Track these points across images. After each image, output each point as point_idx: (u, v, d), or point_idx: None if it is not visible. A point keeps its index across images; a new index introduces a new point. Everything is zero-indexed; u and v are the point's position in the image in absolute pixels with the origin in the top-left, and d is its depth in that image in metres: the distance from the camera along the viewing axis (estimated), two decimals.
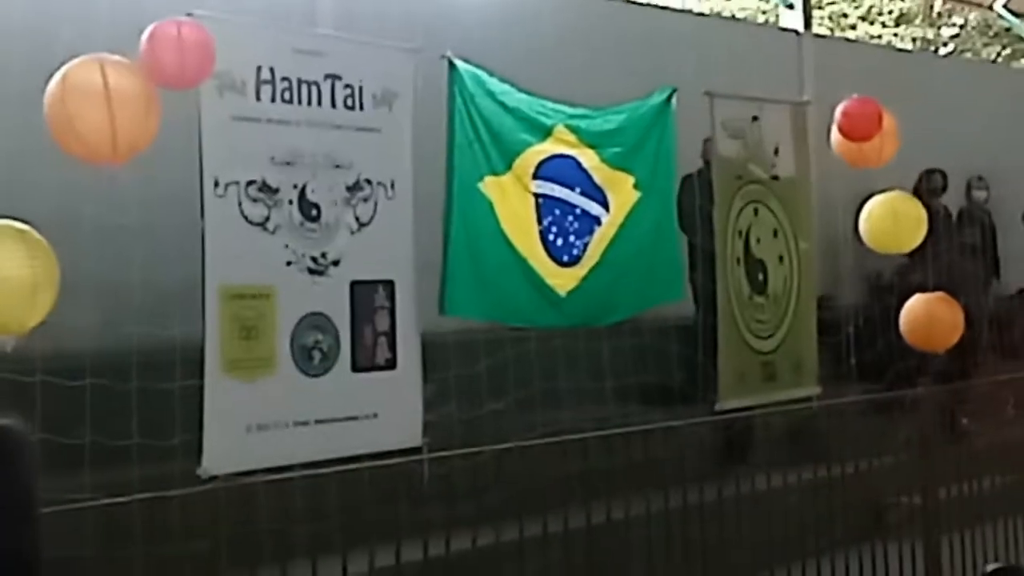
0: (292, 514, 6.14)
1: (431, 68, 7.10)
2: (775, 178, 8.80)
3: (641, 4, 14.79)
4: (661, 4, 16.17)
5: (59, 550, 3.41)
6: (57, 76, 5.41)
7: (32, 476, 2.77)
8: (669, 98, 8.24)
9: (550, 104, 7.71)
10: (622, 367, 9.26)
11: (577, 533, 7.03)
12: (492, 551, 6.72)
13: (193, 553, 5.64)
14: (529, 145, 7.43)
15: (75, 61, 5.44)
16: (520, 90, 7.56)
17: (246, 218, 6.16)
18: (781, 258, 8.83)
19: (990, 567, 5.60)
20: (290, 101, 6.33)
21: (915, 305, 8.73)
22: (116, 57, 5.49)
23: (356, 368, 6.61)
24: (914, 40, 23.55)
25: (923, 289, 9.24)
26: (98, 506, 5.31)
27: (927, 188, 12.55)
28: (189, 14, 5.76)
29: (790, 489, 8.32)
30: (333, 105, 6.51)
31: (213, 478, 5.96)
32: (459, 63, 7.23)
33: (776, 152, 8.82)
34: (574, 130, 7.69)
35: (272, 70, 6.26)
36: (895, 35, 23.70)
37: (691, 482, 7.69)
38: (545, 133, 7.53)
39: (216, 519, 5.76)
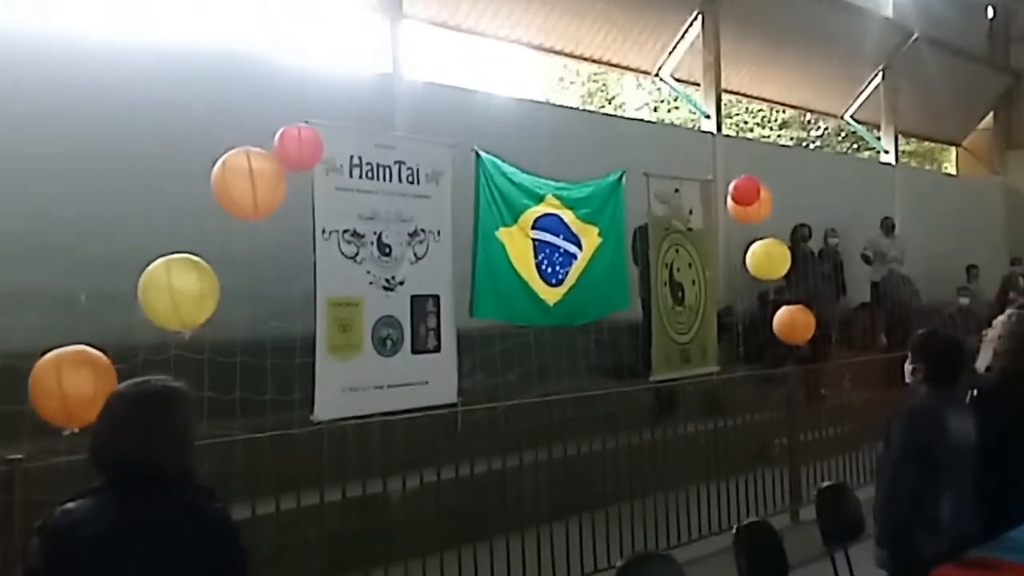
0: (370, 447, 6.30)
1: (464, 156, 7.21)
2: (690, 229, 8.86)
3: (605, 115, 15.26)
4: (619, 115, 16.59)
5: (218, 468, 3.41)
6: (220, 161, 5.57)
7: (193, 418, 2.90)
8: (620, 177, 8.37)
9: (542, 180, 7.84)
10: (590, 352, 9.38)
11: (560, 461, 7.22)
12: (502, 473, 6.79)
13: (305, 472, 5.74)
14: (529, 207, 7.56)
15: (231, 151, 5.60)
16: (523, 171, 7.68)
17: (343, 254, 6.28)
18: (693, 282, 8.96)
19: (824, 484, 5.70)
20: (372, 178, 6.44)
21: (784, 312, 8.94)
22: (257, 149, 5.65)
23: (414, 351, 6.69)
24: (792, 139, 23.79)
25: (790, 303, 9.48)
26: (242, 439, 5.55)
27: (799, 236, 12.93)
28: (306, 121, 5.93)
29: (700, 433, 8.56)
30: (400, 180, 6.61)
31: (320, 423, 6.13)
32: (482, 153, 7.32)
33: (691, 212, 8.90)
34: (559, 197, 7.82)
35: (360, 157, 6.38)
36: (779, 135, 23.97)
37: (635, 427, 7.82)
38: (539, 199, 7.65)
39: (320, 450, 5.95)
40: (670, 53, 14.52)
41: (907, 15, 17.68)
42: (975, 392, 4.99)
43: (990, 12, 21.14)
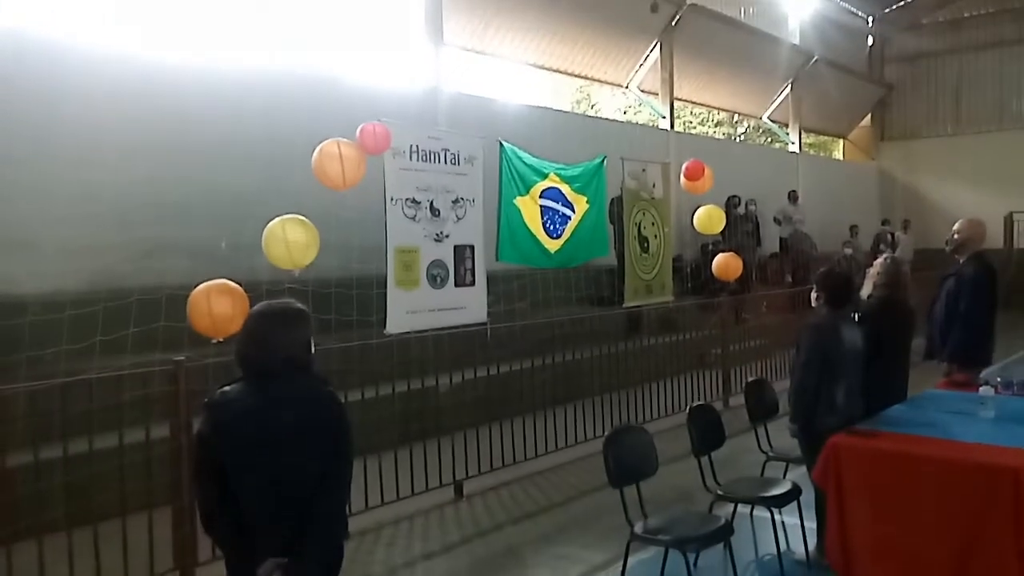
0: (426, 353, 6.30)
1: (491, 146, 7.11)
2: (653, 198, 8.81)
3: (590, 116, 15.11)
4: (600, 116, 16.40)
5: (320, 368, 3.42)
6: (318, 148, 5.52)
7: (310, 327, 2.85)
8: (603, 161, 8.29)
9: (548, 162, 7.77)
10: (581, 286, 9.36)
11: (559, 364, 7.15)
12: (519, 373, 6.91)
13: (381, 371, 5.83)
14: (537, 182, 7.48)
15: (326, 141, 5.53)
16: (533, 155, 7.59)
17: (405, 215, 6.23)
18: (655, 236, 8.75)
19: (750, 379, 5.71)
20: (426, 160, 6.35)
21: (720, 257, 8.71)
22: (345, 139, 5.57)
23: (456, 285, 6.60)
24: (724, 134, 23.45)
25: (724, 251, 9.43)
26: (337, 347, 5.53)
27: (731, 204, 12.84)
28: (379, 120, 5.87)
29: (659, 345, 8.58)
30: (445, 163, 6.50)
31: (390, 335, 6.11)
32: (504, 143, 7.24)
33: (654, 186, 8.82)
34: (558, 175, 7.74)
35: (417, 145, 6.30)
36: (715, 131, 23.64)
37: (612, 340, 7.85)
38: (544, 176, 7.57)
39: (392, 353, 6.01)
40: (636, 71, 14.31)
41: (809, 42, 17.40)
42: (859, 314, 4.99)
43: (870, 40, 20.78)
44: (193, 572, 4.57)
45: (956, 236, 5.70)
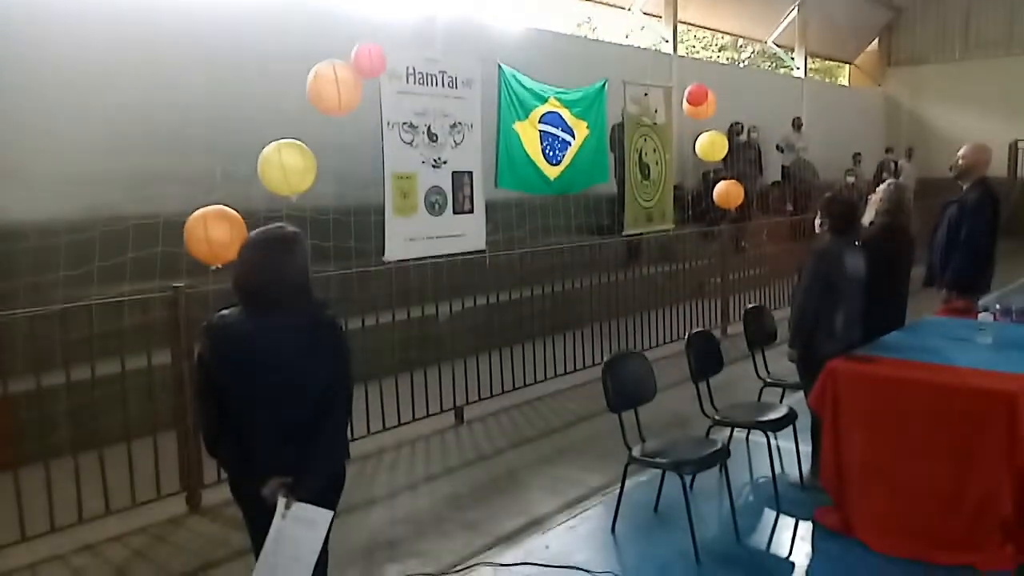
0: (425, 281, 6.25)
1: (490, 68, 7.01)
2: (655, 124, 8.69)
3: (592, 40, 14.74)
4: (602, 40, 16.03)
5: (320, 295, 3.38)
6: (313, 70, 5.36)
7: (307, 253, 2.79)
8: (604, 85, 8.17)
9: (548, 87, 7.64)
10: (581, 214, 9.32)
11: (558, 293, 7.19)
12: (518, 301, 6.87)
13: (378, 296, 5.86)
14: (537, 106, 7.37)
15: (321, 63, 5.39)
16: (533, 80, 7.49)
17: (402, 140, 6.12)
18: (657, 163, 8.77)
19: (749, 306, 5.72)
20: (423, 83, 6.21)
21: (721, 184, 8.73)
22: (340, 61, 5.43)
23: (454, 212, 6.56)
24: (728, 59, 23.02)
25: (727, 178, 9.24)
26: (335, 274, 5.53)
27: (734, 131, 12.63)
28: (374, 41, 5.66)
29: (658, 274, 8.56)
30: (443, 86, 6.37)
31: (389, 262, 6.09)
32: (504, 66, 7.14)
33: (656, 111, 8.68)
34: (559, 99, 7.62)
35: (414, 68, 6.17)
36: (718, 56, 23.20)
37: (611, 269, 7.81)
38: (544, 100, 7.47)
39: (391, 281, 6.01)
40: None
41: None
42: (861, 241, 4.95)
43: None
44: (199, 493, 4.67)
45: (960, 161, 5.62)
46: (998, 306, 5.17)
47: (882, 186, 5.25)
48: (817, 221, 4.63)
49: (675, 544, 4.00)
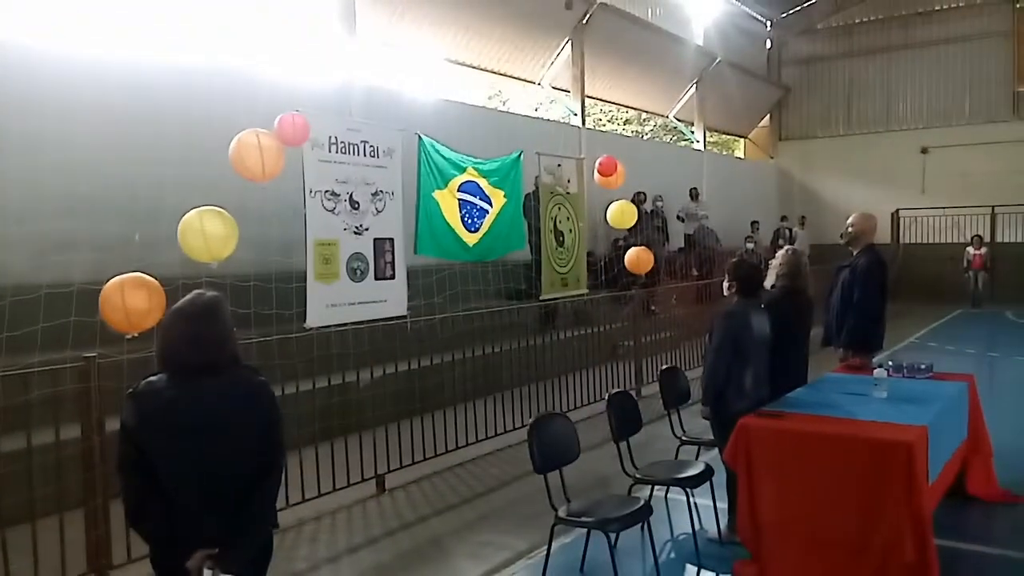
0: (346, 347, 6.19)
1: (410, 138, 7.03)
2: (568, 193, 8.86)
3: (506, 112, 15.23)
4: (515, 112, 16.55)
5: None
6: (236, 137, 5.37)
7: (230, 321, 2.81)
8: (519, 156, 8.31)
9: (466, 157, 7.57)
10: (499, 280, 9.44)
11: (479, 357, 7.25)
12: (439, 367, 6.91)
13: (298, 363, 5.70)
14: (455, 175, 7.42)
15: (244, 131, 5.40)
16: (452, 150, 7.49)
17: (324, 208, 6.10)
18: (570, 230, 8.80)
19: (664, 367, 5.89)
20: (345, 152, 6.22)
21: (632, 251, 8.92)
22: (264, 130, 5.46)
23: (376, 278, 6.51)
24: (632, 131, 24.07)
25: (637, 245, 9.77)
26: (255, 341, 5.37)
27: (638, 200, 13.14)
28: (297, 110, 5.71)
29: (573, 338, 8.70)
30: (365, 154, 6.40)
31: (310, 329, 6.01)
32: (423, 136, 7.09)
33: (568, 181, 8.86)
34: (477, 169, 7.70)
35: (336, 137, 6.17)
36: (623, 129, 24.23)
37: (528, 333, 7.96)
38: (463, 170, 7.53)
39: (311, 349, 5.93)
40: (548, 67, 14.53)
41: (712, 44, 18.08)
42: (764, 303, 5.24)
43: (768, 43, 21.73)
44: (107, 575, 4.43)
45: (850, 229, 6.07)
46: (890, 363, 5.55)
47: (780, 252, 5.60)
48: (725, 284, 4.90)
49: None
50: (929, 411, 4.47)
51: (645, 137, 23.68)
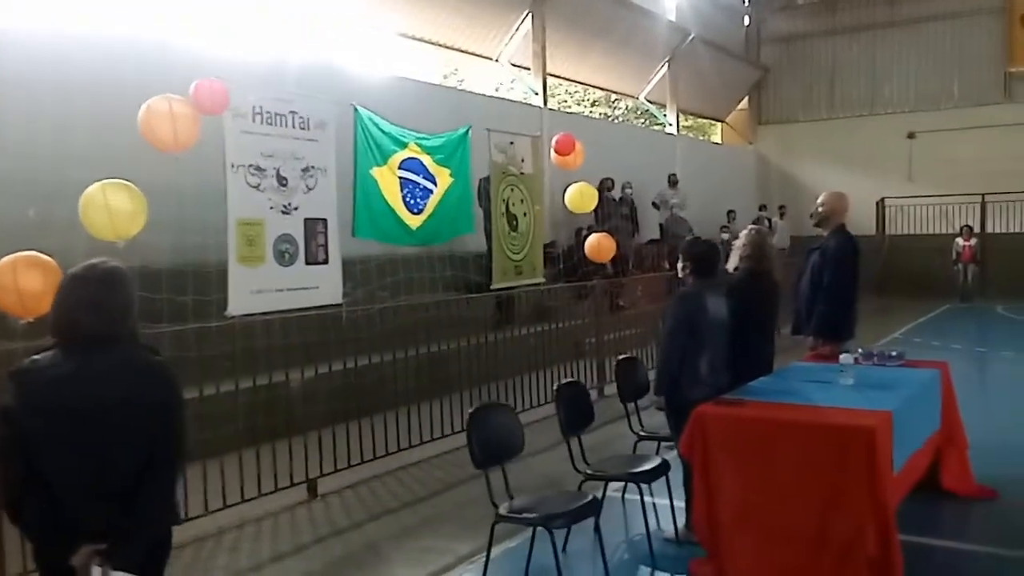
0: (273, 337, 6.15)
1: (346, 110, 7.00)
2: (522, 173, 8.90)
3: (460, 90, 15.23)
4: (468, 90, 16.55)
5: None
6: (145, 105, 5.29)
7: (132, 290, 2.78)
8: (467, 131, 8.34)
9: (407, 131, 7.71)
10: (446, 268, 9.45)
11: (424, 355, 7.21)
12: (378, 365, 6.78)
13: (221, 356, 5.66)
14: (396, 151, 7.38)
15: (155, 97, 5.32)
16: (391, 123, 7.53)
17: (248, 183, 5.99)
18: (525, 214, 8.94)
19: (620, 357, 5.83)
20: (271, 123, 6.13)
21: (592, 237, 9.04)
22: (178, 96, 5.38)
23: (307, 263, 6.44)
24: (601, 114, 24.27)
25: (599, 231, 9.85)
26: (168, 330, 5.39)
27: (604, 186, 13.28)
28: (218, 77, 5.67)
29: (530, 335, 8.76)
30: (294, 127, 6.31)
31: (232, 317, 5.91)
32: (360, 108, 7.14)
33: (523, 160, 8.87)
34: (420, 145, 7.70)
35: (261, 107, 6.08)
36: (591, 111, 24.40)
37: (482, 330, 7.97)
38: (404, 146, 7.51)
39: (234, 339, 5.82)
40: (507, 42, 14.57)
41: (686, 19, 18.25)
42: (727, 287, 5.31)
43: (746, 20, 22.00)
44: None
45: (820, 208, 6.18)
46: (860, 350, 5.66)
47: (744, 232, 5.69)
48: (679, 265, 4.97)
49: None
50: (896, 397, 4.58)
51: (615, 120, 23.84)
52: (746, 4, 21.82)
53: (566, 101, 24.02)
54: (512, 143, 8.80)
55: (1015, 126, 18.82)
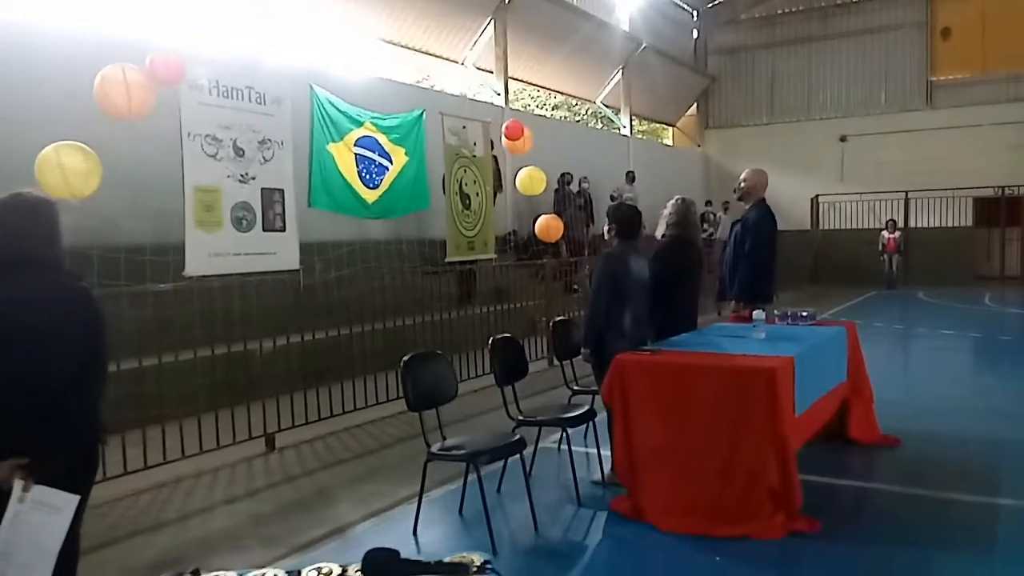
0: (231, 300, 6.05)
1: (302, 89, 6.90)
2: (474, 156, 8.83)
3: (425, 89, 15.06)
4: (432, 88, 16.38)
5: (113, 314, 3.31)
6: (100, 73, 5.03)
7: (58, 220, 2.70)
8: (421, 114, 8.25)
9: (363, 111, 7.59)
10: (403, 243, 9.10)
11: (385, 330, 7.06)
12: (336, 337, 6.67)
13: (178, 316, 5.64)
14: (352, 129, 7.27)
15: (109, 66, 5.05)
16: (348, 103, 7.41)
17: (205, 152, 5.84)
18: (477, 194, 8.88)
19: (557, 318, 5.75)
20: (227, 96, 5.99)
21: (541, 219, 8.74)
22: (132, 65, 5.08)
23: (264, 230, 6.28)
24: (562, 116, 24.26)
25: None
26: (126, 290, 5.28)
27: (564, 180, 13.30)
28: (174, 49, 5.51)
29: (489, 313, 8.64)
30: (250, 101, 6.16)
31: (190, 277, 5.79)
32: (316, 88, 7.04)
33: (475, 144, 8.81)
34: (375, 125, 7.56)
35: (218, 80, 5.93)
36: (553, 114, 24.35)
37: (446, 307, 7.89)
38: (360, 124, 7.39)
39: (191, 301, 5.78)
40: (471, 47, 14.47)
41: (638, 30, 18.25)
42: (653, 252, 5.29)
43: (695, 33, 22.08)
44: None
45: (743, 184, 6.18)
46: (776, 311, 5.65)
47: (670, 202, 5.65)
48: (605, 227, 4.93)
49: (474, 540, 4.02)
50: (800, 347, 4.56)
51: (575, 122, 23.81)
52: (694, 18, 21.90)
53: (529, 105, 23.95)
54: (464, 127, 8.71)
55: (936, 130, 19.12)
